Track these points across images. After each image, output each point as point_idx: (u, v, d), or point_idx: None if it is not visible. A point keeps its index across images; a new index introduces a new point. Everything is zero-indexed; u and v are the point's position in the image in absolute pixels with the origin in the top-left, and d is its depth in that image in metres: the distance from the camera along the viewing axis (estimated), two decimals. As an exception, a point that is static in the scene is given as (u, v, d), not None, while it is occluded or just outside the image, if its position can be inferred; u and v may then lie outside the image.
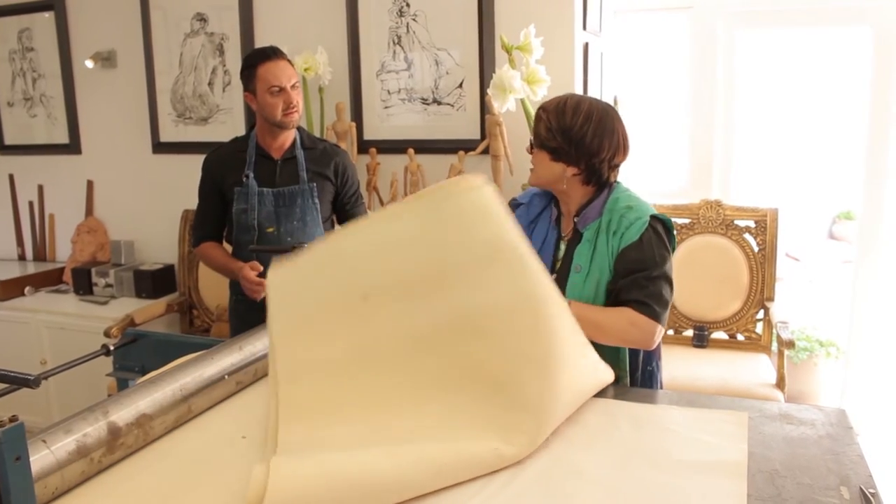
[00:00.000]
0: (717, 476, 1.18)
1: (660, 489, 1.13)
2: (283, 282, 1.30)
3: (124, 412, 1.19)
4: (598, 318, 1.53)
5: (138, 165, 3.70)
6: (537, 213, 1.79)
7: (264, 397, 1.44)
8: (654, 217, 1.63)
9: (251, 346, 1.54)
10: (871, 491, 1.12)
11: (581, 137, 1.61)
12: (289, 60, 2.29)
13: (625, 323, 1.52)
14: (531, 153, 1.71)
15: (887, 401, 3.49)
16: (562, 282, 1.66)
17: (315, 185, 2.32)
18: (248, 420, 1.36)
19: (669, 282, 1.59)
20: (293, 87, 2.25)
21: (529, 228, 1.77)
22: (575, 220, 1.70)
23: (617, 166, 1.69)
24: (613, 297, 1.59)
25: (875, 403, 3.48)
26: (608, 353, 1.53)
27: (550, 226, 1.76)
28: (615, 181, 1.71)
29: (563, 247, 1.73)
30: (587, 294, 1.63)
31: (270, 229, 2.29)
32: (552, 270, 1.69)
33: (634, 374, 1.68)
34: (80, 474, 1.10)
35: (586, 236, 1.66)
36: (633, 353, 1.67)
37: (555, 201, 1.77)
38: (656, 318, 1.53)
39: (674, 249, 1.65)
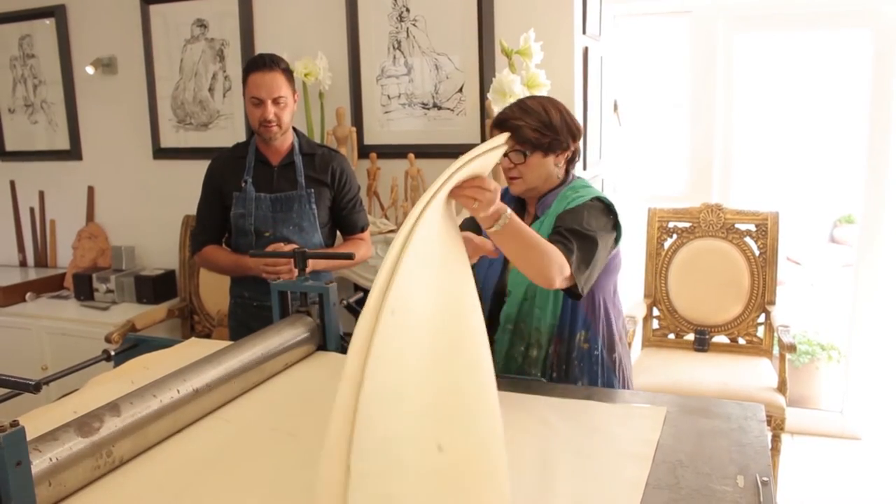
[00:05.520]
0: (623, 466, 1.23)
1: (566, 478, 1.18)
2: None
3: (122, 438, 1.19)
4: (534, 236, 1.48)
5: (139, 171, 3.71)
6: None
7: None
8: (596, 198, 1.72)
9: (251, 352, 1.55)
10: (765, 479, 1.17)
11: (563, 123, 1.73)
12: (284, 71, 2.23)
13: (550, 248, 1.49)
14: (521, 164, 1.72)
15: (889, 404, 3.48)
16: None
17: (312, 190, 2.32)
18: None
19: (595, 243, 1.61)
20: (275, 101, 2.19)
21: None
22: (536, 205, 1.80)
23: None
24: None
25: (876, 407, 3.48)
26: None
27: None
28: (574, 175, 1.84)
29: None
30: None
31: (267, 234, 2.29)
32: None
33: (571, 357, 1.75)
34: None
35: (541, 218, 1.77)
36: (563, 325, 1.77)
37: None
38: (569, 255, 1.53)
39: (618, 232, 1.72)
